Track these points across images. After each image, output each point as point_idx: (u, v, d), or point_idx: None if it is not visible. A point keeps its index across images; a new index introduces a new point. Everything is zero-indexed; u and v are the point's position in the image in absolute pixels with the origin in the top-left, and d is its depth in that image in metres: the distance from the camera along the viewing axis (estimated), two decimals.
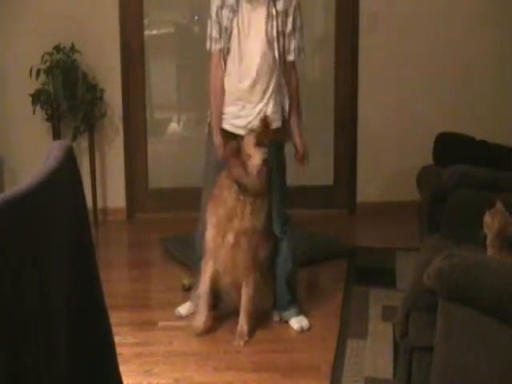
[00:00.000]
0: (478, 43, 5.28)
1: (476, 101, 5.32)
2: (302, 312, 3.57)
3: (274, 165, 3.38)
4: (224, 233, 3.32)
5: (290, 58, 3.38)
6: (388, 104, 5.35)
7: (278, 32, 3.29)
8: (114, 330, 1.46)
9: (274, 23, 3.28)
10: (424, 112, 5.32)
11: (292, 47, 3.36)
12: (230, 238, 3.31)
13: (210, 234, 3.38)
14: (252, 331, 3.41)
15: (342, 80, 5.38)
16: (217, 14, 3.33)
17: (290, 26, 3.32)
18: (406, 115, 5.35)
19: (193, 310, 3.65)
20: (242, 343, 3.32)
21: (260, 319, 3.51)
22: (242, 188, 3.27)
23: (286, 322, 3.53)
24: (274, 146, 3.38)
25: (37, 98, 4.87)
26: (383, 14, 5.22)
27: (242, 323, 3.39)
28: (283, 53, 3.34)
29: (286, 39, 3.33)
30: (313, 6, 5.52)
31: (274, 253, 3.48)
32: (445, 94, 5.32)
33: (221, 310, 3.59)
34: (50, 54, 4.86)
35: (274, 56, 3.31)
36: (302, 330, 3.47)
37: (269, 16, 3.28)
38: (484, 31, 5.26)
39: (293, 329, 3.49)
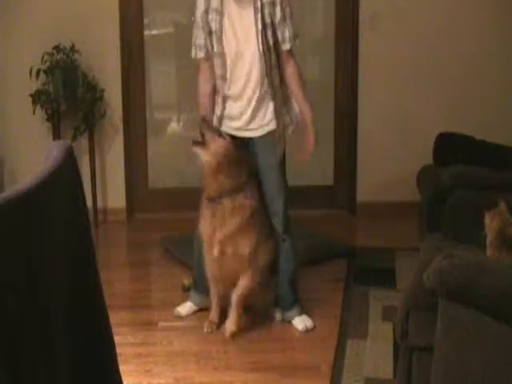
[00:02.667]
0: (479, 43, 5.28)
1: (476, 101, 5.32)
2: (304, 311, 3.57)
3: (274, 164, 3.39)
4: (211, 247, 3.38)
5: (287, 46, 3.29)
6: (388, 104, 5.34)
7: (263, 24, 3.22)
8: (114, 330, 1.46)
9: (259, 15, 3.21)
10: (424, 112, 5.32)
11: (286, 35, 3.28)
12: (216, 251, 3.36)
13: (204, 248, 3.47)
14: (242, 323, 3.42)
15: (341, 80, 5.38)
16: (202, 19, 3.29)
17: (279, 16, 3.24)
18: (406, 115, 5.35)
19: (192, 310, 3.66)
20: (230, 333, 3.35)
21: (258, 317, 3.52)
22: (208, 196, 3.34)
23: (289, 322, 3.53)
24: (272, 145, 3.38)
25: (37, 98, 4.87)
26: (383, 13, 5.22)
27: (233, 312, 3.39)
28: (274, 44, 3.27)
29: (278, 29, 3.26)
30: (313, 6, 5.52)
31: (277, 253, 3.48)
32: (445, 93, 5.32)
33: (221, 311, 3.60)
34: (50, 54, 4.85)
35: (261, 49, 3.24)
36: (306, 330, 3.47)
37: (255, 10, 3.22)
38: (484, 31, 5.26)
39: (296, 328, 3.49)
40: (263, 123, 3.36)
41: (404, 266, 4.16)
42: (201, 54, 3.39)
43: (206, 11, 3.28)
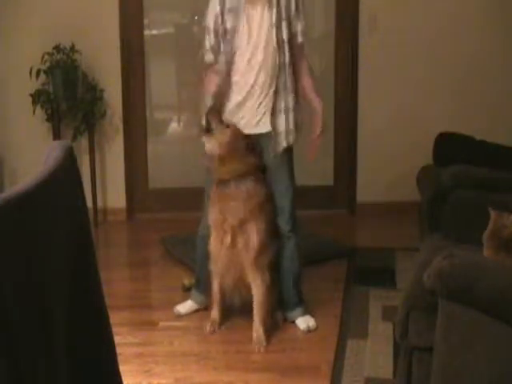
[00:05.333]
0: (479, 43, 5.28)
1: (476, 101, 5.32)
2: (308, 312, 3.57)
3: (281, 161, 3.38)
4: (222, 234, 3.34)
5: (300, 39, 3.33)
6: (388, 104, 5.35)
7: (278, 18, 3.22)
8: (114, 330, 1.46)
9: (275, 10, 3.22)
10: (424, 112, 5.32)
11: (299, 29, 3.31)
12: (227, 238, 3.32)
13: (211, 238, 3.41)
14: (267, 334, 3.36)
15: (341, 80, 5.39)
16: (216, 22, 3.28)
17: (293, 9, 3.27)
18: (406, 115, 5.36)
19: (193, 308, 3.66)
20: (261, 350, 3.28)
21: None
22: (218, 181, 3.31)
23: (291, 322, 3.53)
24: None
25: (37, 98, 4.87)
26: (383, 14, 5.23)
27: (257, 328, 3.34)
28: (289, 40, 3.27)
29: (292, 23, 3.28)
30: (313, 6, 5.52)
31: (280, 252, 3.48)
32: (445, 93, 5.32)
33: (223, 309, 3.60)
34: (50, 54, 4.86)
35: (275, 45, 3.23)
36: (308, 330, 3.47)
37: (270, 5, 3.22)
38: (485, 31, 5.26)
39: (298, 328, 3.49)
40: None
41: (404, 266, 4.16)
42: (211, 58, 3.38)
43: (222, 13, 3.26)
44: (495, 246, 2.45)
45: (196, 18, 5.44)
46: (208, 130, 3.31)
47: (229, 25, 3.26)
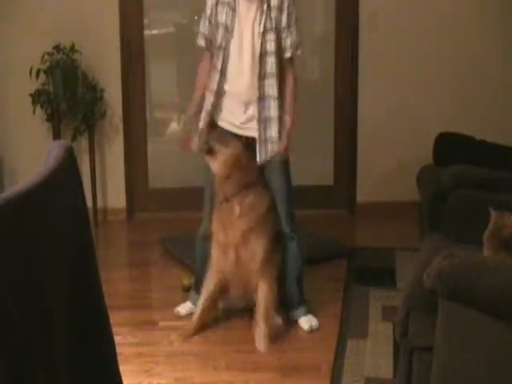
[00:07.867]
0: (479, 43, 5.28)
1: (476, 101, 5.32)
2: (310, 311, 3.57)
3: (276, 164, 3.38)
4: (225, 248, 3.33)
5: (287, 54, 3.29)
6: (388, 104, 5.35)
7: (265, 28, 3.21)
8: (114, 330, 1.46)
9: (263, 19, 3.21)
10: (424, 112, 5.32)
11: (288, 44, 3.27)
12: (231, 255, 3.32)
13: (213, 251, 3.40)
14: (272, 334, 3.35)
15: (341, 80, 5.38)
16: (211, 10, 3.30)
17: (284, 22, 3.24)
18: (406, 115, 5.35)
19: (192, 310, 3.65)
20: (265, 348, 3.27)
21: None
22: (221, 195, 3.30)
23: (295, 322, 3.53)
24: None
25: (37, 97, 4.87)
26: (383, 13, 5.23)
27: (262, 326, 3.32)
28: (276, 51, 3.24)
29: (282, 35, 3.25)
30: (313, 6, 5.52)
31: (283, 251, 3.47)
32: (445, 93, 5.32)
33: (221, 310, 3.60)
34: (50, 54, 4.86)
35: (257, 53, 3.22)
36: (311, 330, 3.47)
37: (261, 12, 3.22)
38: (485, 31, 5.26)
39: (299, 328, 3.49)
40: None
41: (404, 266, 4.16)
42: (201, 43, 3.41)
43: (217, 3, 3.28)
44: (495, 245, 2.45)
45: (196, 17, 5.43)
46: (210, 150, 3.28)
47: (220, 18, 3.27)
